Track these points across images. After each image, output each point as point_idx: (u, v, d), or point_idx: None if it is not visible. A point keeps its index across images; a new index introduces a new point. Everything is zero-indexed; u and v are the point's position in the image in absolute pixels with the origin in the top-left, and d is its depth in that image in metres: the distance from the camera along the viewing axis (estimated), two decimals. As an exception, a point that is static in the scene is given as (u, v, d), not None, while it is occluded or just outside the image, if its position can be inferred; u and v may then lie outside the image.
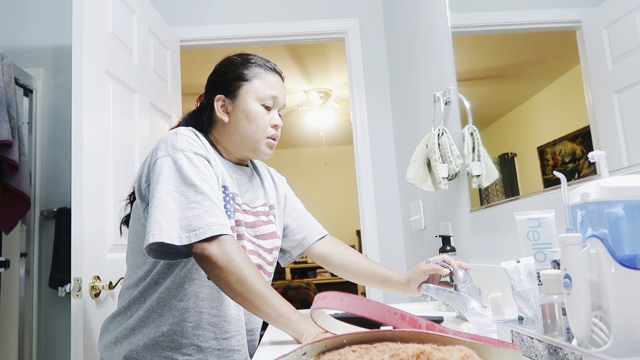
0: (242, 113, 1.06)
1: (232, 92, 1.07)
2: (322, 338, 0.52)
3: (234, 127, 1.07)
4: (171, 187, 0.91)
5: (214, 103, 1.08)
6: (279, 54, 3.71)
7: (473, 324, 0.93)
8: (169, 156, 0.94)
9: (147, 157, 1.02)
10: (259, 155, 1.10)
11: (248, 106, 1.06)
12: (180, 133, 0.98)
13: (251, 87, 1.07)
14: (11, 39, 2.34)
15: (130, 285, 1.03)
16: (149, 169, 0.98)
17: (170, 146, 0.96)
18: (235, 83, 1.07)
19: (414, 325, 0.60)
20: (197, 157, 0.96)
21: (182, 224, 0.88)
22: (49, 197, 2.24)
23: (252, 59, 1.11)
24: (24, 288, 2.10)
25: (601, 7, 0.86)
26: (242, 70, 1.08)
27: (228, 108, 1.08)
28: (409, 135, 2.18)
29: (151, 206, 0.90)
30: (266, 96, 1.07)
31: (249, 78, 1.08)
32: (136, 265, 1.02)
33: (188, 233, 0.88)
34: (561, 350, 0.54)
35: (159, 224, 0.87)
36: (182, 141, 0.97)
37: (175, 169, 0.93)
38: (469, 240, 1.51)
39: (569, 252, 0.56)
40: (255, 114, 1.06)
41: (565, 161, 0.99)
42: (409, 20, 2.09)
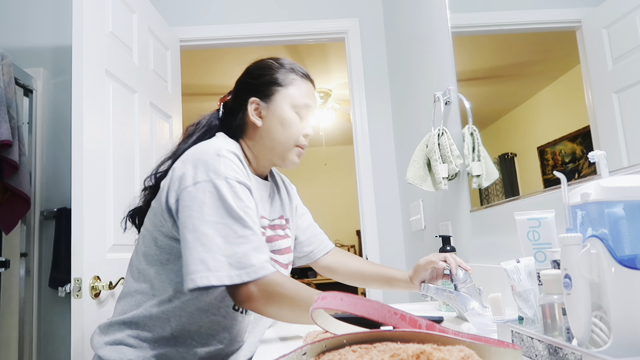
0: (276, 118, 1.03)
1: (267, 96, 1.04)
2: (322, 338, 0.52)
3: (266, 132, 1.03)
4: (216, 220, 0.85)
5: (247, 105, 1.04)
6: (279, 54, 3.70)
7: (473, 324, 0.93)
8: (211, 182, 0.88)
9: (178, 166, 0.93)
10: (287, 163, 1.07)
11: (284, 112, 1.03)
12: (224, 156, 0.91)
13: (287, 93, 1.04)
14: (11, 39, 2.34)
15: (144, 297, 0.97)
16: (180, 184, 0.90)
17: (213, 170, 0.89)
18: (271, 87, 1.04)
19: (414, 325, 0.60)
20: (240, 187, 0.90)
21: (230, 260, 0.83)
22: (49, 197, 2.24)
23: (289, 64, 1.08)
24: (24, 288, 2.09)
25: (601, 7, 0.86)
26: (278, 75, 1.05)
27: (262, 112, 1.04)
28: (409, 135, 2.18)
29: (192, 239, 0.85)
30: (301, 104, 1.05)
31: (285, 84, 1.04)
32: (156, 278, 0.96)
33: (238, 271, 0.83)
34: (561, 350, 0.54)
35: (205, 264, 0.82)
36: (226, 166, 0.90)
37: (218, 198, 0.87)
38: (469, 240, 1.51)
39: (569, 252, 0.56)
40: (290, 121, 1.03)
41: (565, 161, 0.99)
42: (409, 20, 2.09)
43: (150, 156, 1.97)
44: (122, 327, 0.96)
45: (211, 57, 3.70)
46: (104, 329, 1.00)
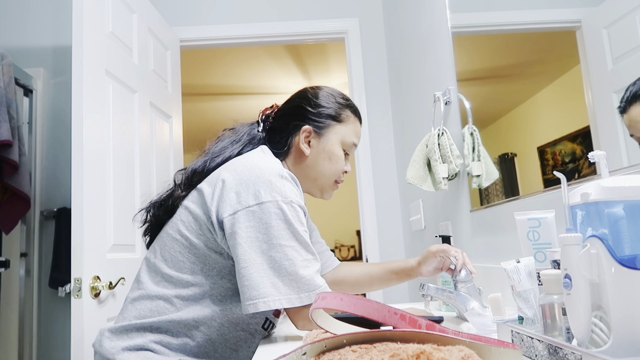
0: (326, 152, 1.05)
1: (321, 128, 1.05)
2: (322, 338, 0.52)
3: (313, 163, 1.05)
4: (283, 243, 0.87)
5: (298, 131, 1.05)
6: (279, 54, 3.71)
7: (473, 324, 0.93)
8: (276, 204, 0.88)
9: (232, 179, 0.92)
10: (323, 195, 1.10)
11: (334, 147, 1.05)
12: (286, 178, 0.92)
13: (340, 130, 1.06)
14: (11, 39, 2.34)
15: (168, 304, 0.94)
16: (240, 201, 0.89)
17: (278, 192, 0.89)
18: (327, 120, 1.06)
19: (414, 325, 0.60)
20: (301, 212, 0.92)
21: (299, 284, 0.86)
22: (49, 197, 2.24)
23: (346, 101, 1.10)
24: (24, 288, 2.10)
25: (601, 7, 0.86)
26: (336, 110, 1.07)
27: (312, 141, 1.05)
28: (409, 135, 2.18)
29: (261, 262, 0.86)
30: (350, 143, 1.08)
31: (340, 120, 1.07)
32: (187, 287, 0.94)
33: (308, 293, 0.86)
34: (561, 350, 0.54)
35: (276, 288, 0.85)
36: (291, 190, 0.91)
37: (284, 220, 0.88)
38: (469, 240, 1.51)
39: (569, 252, 0.56)
40: (338, 157, 1.06)
41: (565, 161, 0.99)
42: (409, 20, 2.09)
43: (150, 156, 1.97)
44: (144, 332, 0.93)
45: (211, 57, 3.70)
46: (118, 333, 0.94)
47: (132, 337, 0.93)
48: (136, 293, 0.97)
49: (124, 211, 1.69)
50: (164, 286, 0.94)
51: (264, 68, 3.99)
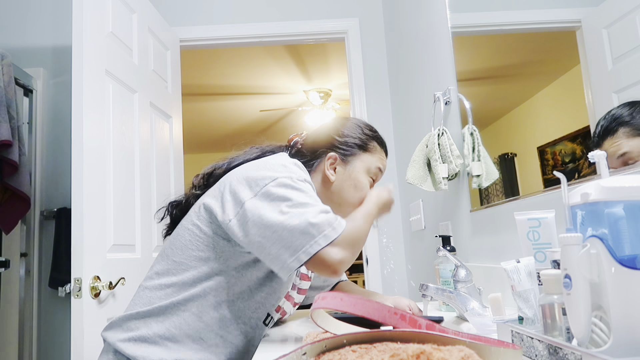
0: (352, 180, 1.08)
1: (347, 156, 1.09)
2: (322, 338, 0.52)
3: (338, 189, 1.07)
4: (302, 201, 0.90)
5: (324, 158, 1.08)
6: (279, 54, 3.71)
7: (473, 324, 0.93)
8: (290, 178, 0.93)
9: (251, 167, 0.97)
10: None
11: (359, 175, 1.08)
12: (300, 167, 0.98)
13: (366, 158, 1.10)
14: (11, 39, 2.34)
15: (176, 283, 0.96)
16: (258, 182, 0.93)
17: (292, 172, 0.95)
18: (353, 149, 1.09)
19: (414, 325, 0.60)
20: (313, 190, 0.96)
21: (327, 220, 0.88)
22: (49, 197, 2.24)
23: (376, 134, 1.14)
24: (24, 288, 2.10)
25: (601, 7, 0.86)
26: (363, 140, 1.11)
27: (337, 168, 1.08)
28: (409, 135, 2.18)
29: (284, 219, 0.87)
30: (375, 170, 1.11)
31: (367, 149, 1.11)
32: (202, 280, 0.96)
33: (338, 220, 0.89)
34: (561, 350, 0.54)
35: (309, 234, 0.86)
36: (305, 175, 0.97)
37: (298, 189, 0.92)
38: (469, 240, 1.51)
39: (569, 252, 0.56)
40: (363, 185, 1.08)
41: (565, 161, 0.99)
42: (409, 20, 2.09)
43: (150, 156, 1.97)
44: (148, 321, 0.94)
45: (211, 57, 3.70)
46: (123, 322, 0.96)
47: (137, 326, 0.94)
48: (148, 282, 1.00)
49: (124, 211, 1.69)
50: (173, 274, 0.97)
51: (264, 68, 3.99)
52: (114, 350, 0.95)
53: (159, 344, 0.93)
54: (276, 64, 3.92)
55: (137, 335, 0.93)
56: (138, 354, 0.91)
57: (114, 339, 0.95)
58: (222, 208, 0.94)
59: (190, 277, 0.95)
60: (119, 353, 0.94)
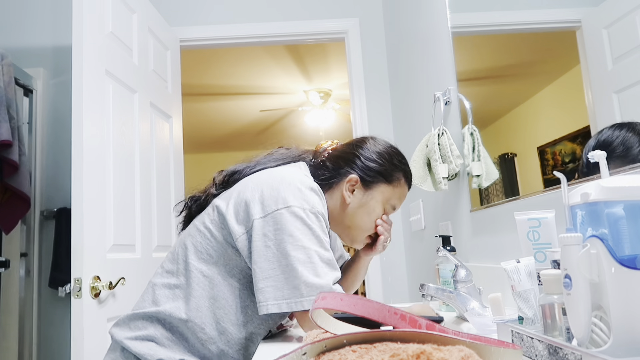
0: (366, 206, 1.05)
1: (368, 182, 1.06)
2: (322, 338, 0.52)
3: (351, 213, 1.05)
4: (308, 246, 0.88)
5: (344, 178, 1.05)
6: (279, 54, 3.71)
7: (473, 324, 0.93)
8: (303, 210, 0.90)
9: (265, 182, 0.95)
10: (353, 245, 1.12)
11: (376, 204, 1.06)
12: (315, 192, 0.95)
13: (387, 190, 1.07)
14: (11, 39, 2.34)
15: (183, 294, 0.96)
16: (268, 203, 0.91)
17: (306, 200, 0.92)
18: (377, 177, 1.06)
19: (414, 325, 0.60)
20: (324, 224, 0.93)
21: (318, 289, 0.86)
22: (49, 197, 2.24)
23: (404, 167, 1.11)
24: (24, 288, 2.10)
25: (601, 7, 0.86)
26: (389, 171, 1.07)
27: (355, 191, 1.06)
28: (409, 135, 2.18)
29: (285, 263, 0.87)
30: (391, 206, 1.08)
31: (390, 181, 1.07)
32: (214, 284, 0.96)
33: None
34: (561, 350, 0.54)
35: (298, 290, 0.85)
36: (318, 203, 0.94)
37: (309, 226, 0.90)
38: (469, 240, 1.51)
39: (569, 252, 0.56)
40: (376, 215, 1.06)
41: (565, 161, 0.99)
42: (409, 20, 2.09)
43: (150, 156, 1.97)
44: (153, 322, 0.95)
45: (211, 57, 3.70)
46: (130, 321, 0.97)
47: (144, 326, 0.95)
48: (157, 278, 1.00)
49: (124, 211, 1.69)
50: (182, 274, 0.97)
51: (264, 68, 3.99)
52: (121, 347, 0.96)
53: (165, 345, 0.94)
54: (276, 64, 3.92)
55: (143, 334, 0.94)
56: (145, 351, 0.92)
57: (121, 336, 0.95)
58: (235, 219, 0.93)
59: (197, 282, 0.94)
60: (126, 350, 0.95)
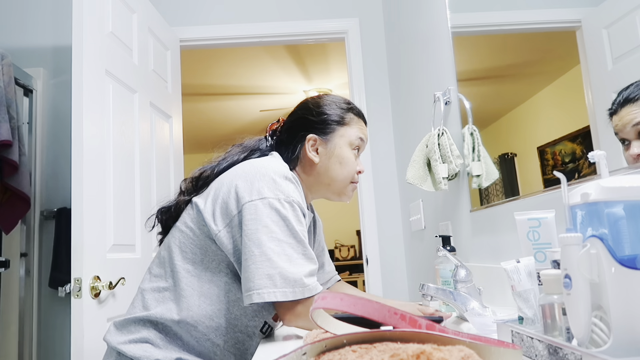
0: (335, 157, 1.06)
1: (326, 134, 1.07)
2: (322, 338, 0.52)
3: (324, 169, 1.07)
4: (282, 238, 0.89)
5: (304, 141, 1.07)
6: (279, 54, 3.71)
7: (473, 324, 0.93)
8: (278, 201, 0.90)
9: (238, 176, 0.95)
10: (343, 198, 1.11)
11: (342, 151, 1.07)
12: (290, 180, 0.95)
13: (345, 132, 1.08)
14: (11, 39, 2.34)
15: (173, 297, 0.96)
16: (243, 195, 0.92)
17: (281, 190, 0.92)
18: (331, 126, 1.07)
19: (414, 325, 0.60)
20: (300, 214, 0.94)
21: (295, 279, 0.86)
22: (49, 197, 2.24)
23: (347, 103, 1.11)
24: (24, 288, 2.09)
25: (601, 7, 0.86)
26: (337, 114, 1.08)
27: (319, 149, 1.07)
28: (409, 135, 2.18)
29: (259, 253, 0.87)
30: (357, 141, 1.09)
31: (343, 123, 1.08)
32: (197, 286, 0.96)
33: (302, 289, 0.87)
34: (561, 350, 0.54)
35: (272, 280, 0.85)
36: (293, 191, 0.94)
37: (283, 218, 0.90)
38: (469, 240, 1.51)
39: (569, 252, 0.56)
40: (348, 159, 1.07)
41: (565, 161, 0.99)
42: (409, 20, 2.09)
43: (150, 156, 1.97)
44: (147, 325, 0.96)
45: (211, 57, 3.69)
46: (122, 326, 0.98)
47: (137, 329, 0.96)
48: (145, 284, 1.01)
49: (124, 211, 1.69)
50: (169, 276, 0.97)
51: (264, 68, 3.99)
52: (117, 352, 0.96)
53: (160, 346, 0.94)
54: (276, 64, 3.92)
55: (138, 337, 0.95)
56: (141, 353, 0.92)
57: (115, 342, 0.96)
58: (212, 216, 0.94)
59: (185, 282, 0.95)
60: (122, 355, 0.94)
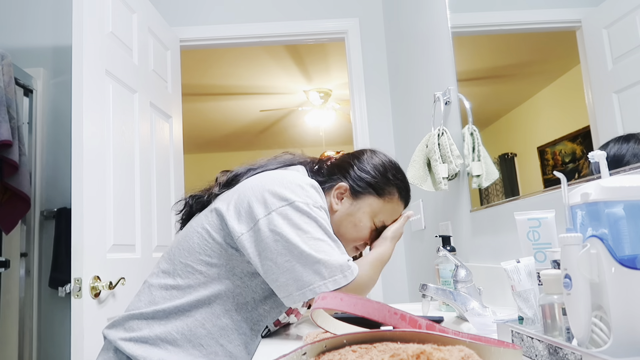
0: (353, 217, 1.04)
1: (358, 192, 1.05)
2: (322, 338, 0.52)
3: (338, 220, 1.05)
4: (318, 236, 0.90)
5: (334, 185, 1.06)
6: (279, 54, 3.71)
7: (473, 324, 0.93)
8: (307, 205, 0.91)
9: (266, 182, 0.95)
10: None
11: (363, 215, 1.04)
12: (317, 190, 0.96)
13: (376, 203, 1.05)
14: (11, 39, 2.34)
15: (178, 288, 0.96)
16: (272, 202, 0.92)
17: (309, 196, 0.93)
18: (367, 188, 1.05)
19: (414, 325, 0.60)
20: (327, 218, 0.95)
21: (341, 267, 0.88)
22: (49, 197, 2.24)
23: (398, 182, 1.09)
24: (24, 288, 2.10)
25: (601, 7, 0.86)
26: (380, 184, 1.06)
27: (344, 200, 1.05)
28: (409, 135, 2.18)
29: (298, 254, 0.87)
30: (381, 221, 1.07)
31: (381, 195, 1.06)
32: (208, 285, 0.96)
33: (351, 270, 0.89)
34: (561, 350, 0.54)
35: (320, 274, 0.86)
36: (321, 199, 0.96)
37: (314, 219, 0.91)
38: (469, 240, 1.51)
39: (569, 252, 0.56)
40: (364, 228, 1.05)
41: (565, 161, 0.99)
42: (409, 20, 2.09)
43: (150, 156, 1.97)
44: (150, 322, 0.95)
45: (211, 57, 3.70)
46: (124, 321, 0.97)
47: (139, 327, 0.95)
48: (153, 279, 0.99)
49: (124, 211, 1.69)
50: (179, 275, 0.96)
51: (264, 68, 3.99)
52: (115, 348, 0.95)
53: (160, 346, 0.93)
54: (276, 64, 3.92)
55: (138, 335, 0.94)
56: (138, 353, 0.91)
57: (115, 337, 0.95)
58: (236, 219, 0.93)
59: (195, 282, 0.94)
60: (119, 351, 0.94)
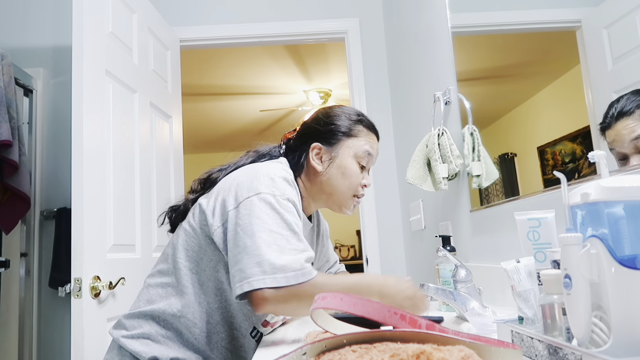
0: (338, 167, 1.06)
1: (332, 144, 1.07)
2: (322, 338, 0.52)
3: (326, 179, 1.06)
4: (275, 230, 0.88)
5: (308, 150, 1.07)
6: (279, 54, 3.71)
7: (473, 324, 0.93)
8: (273, 196, 0.91)
9: (239, 176, 0.97)
10: (343, 211, 1.10)
11: (345, 161, 1.06)
12: (288, 182, 0.97)
13: (352, 144, 1.07)
14: (11, 39, 2.34)
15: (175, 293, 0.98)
16: (241, 192, 0.93)
17: (277, 188, 0.93)
18: (336, 136, 1.07)
19: (414, 325, 0.60)
20: (294, 210, 0.94)
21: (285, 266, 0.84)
22: (49, 197, 2.24)
23: (360, 118, 1.11)
24: (24, 288, 2.09)
25: (601, 7, 0.86)
26: (345, 124, 1.08)
27: (323, 157, 1.07)
28: (409, 135, 2.18)
29: (250, 243, 0.86)
30: (363, 154, 1.07)
31: (352, 134, 1.08)
32: (197, 282, 0.98)
33: (294, 272, 0.85)
34: (561, 350, 0.54)
35: (261, 268, 0.84)
36: (290, 192, 0.95)
37: (277, 211, 0.90)
38: (469, 240, 1.51)
39: (569, 252, 0.56)
40: (351, 171, 1.06)
41: (565, 161, 0.99)
42: (409, 20, 2.09)
43: (150, 156, 1.97)
44: (148, 319, 0.98)
45: (211, 57, 3.69)
46: (126, 319, 1.01)
47: (140, 325, 0.98)
48: (151, 279, 1.04)
49: (124, 211, 1.69)
50: (172, 272, 1.00)
51: (264, 68, 3.99)
52: (118, 346, 0.99)
53: (160, 342, 0.97)
54: (276, 64, 3.92)
55: (139, 332, 0.97)
56: (140, 349, 0.95)
57: (118, 335, 0.99)
58: (212, 214, 0.96)
59: (186, 279, 0.98)
60: (122, 348, 0.98)
